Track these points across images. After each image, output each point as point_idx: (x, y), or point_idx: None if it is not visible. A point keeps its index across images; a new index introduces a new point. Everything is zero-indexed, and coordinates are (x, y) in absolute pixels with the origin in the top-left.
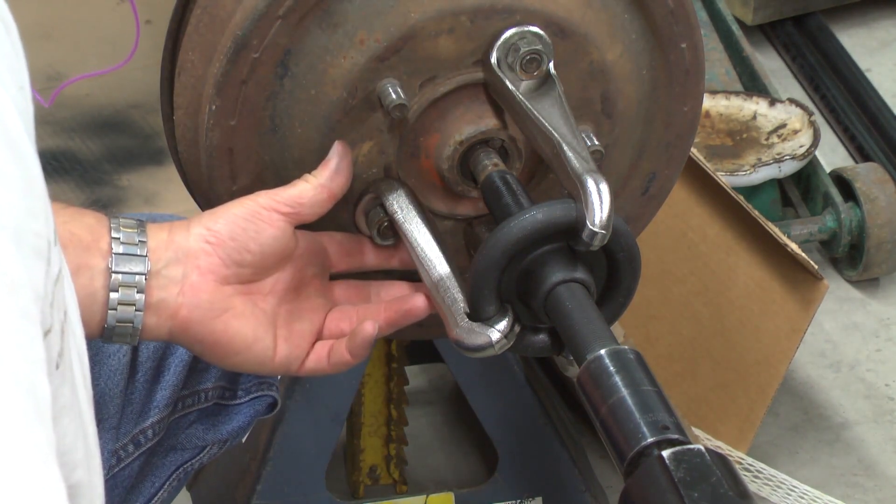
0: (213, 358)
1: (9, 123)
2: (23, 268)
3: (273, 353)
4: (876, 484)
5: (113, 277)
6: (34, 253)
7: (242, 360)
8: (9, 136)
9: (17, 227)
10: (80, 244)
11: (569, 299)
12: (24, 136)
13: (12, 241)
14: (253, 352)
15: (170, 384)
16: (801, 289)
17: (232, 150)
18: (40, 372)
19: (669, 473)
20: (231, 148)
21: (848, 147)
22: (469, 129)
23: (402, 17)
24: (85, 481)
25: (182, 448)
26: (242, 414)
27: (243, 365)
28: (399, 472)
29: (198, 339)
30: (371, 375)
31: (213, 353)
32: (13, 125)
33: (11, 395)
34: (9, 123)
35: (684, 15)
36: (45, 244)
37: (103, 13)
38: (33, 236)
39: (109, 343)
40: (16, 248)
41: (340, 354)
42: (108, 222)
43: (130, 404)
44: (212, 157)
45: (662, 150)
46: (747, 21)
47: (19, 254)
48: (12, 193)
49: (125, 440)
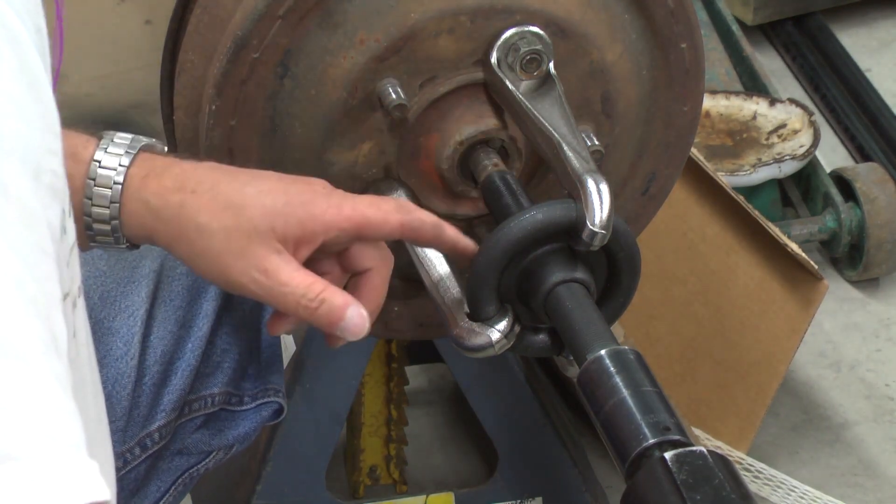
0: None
1: (31, 63)
2: (40, 205)
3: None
4: (876, 484)
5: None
6: (51, 192)
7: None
8: (31, 75)
9: (36, 163)
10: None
11: (569, 299)
12: (45, 76)
13: (31, 177)
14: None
15: (177, 388)
16: (801, 289)
17: (232, 150)
18: (56, 309)
19: (672, 475)
20: (231, 148)
21: (848, 147)
22: (469, 129)
23: (402, 17)
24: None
25: (188, 453)
26: (248, 420)
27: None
28: (399, 472)
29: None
30: (371, 375)
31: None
32: (35, 65)
33: (30, 324)
34: (31, 63)
35: (684, 15)
36: (62, 185)
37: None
38: (51, 175)
39: (94, 243)
40: (34, 183)
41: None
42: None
43: (137, 407)
44: (212, 158)
45: (662, 150)
46: (747, 21)
47: (38, 190)
48: (33, 129)
49: (131, 443)
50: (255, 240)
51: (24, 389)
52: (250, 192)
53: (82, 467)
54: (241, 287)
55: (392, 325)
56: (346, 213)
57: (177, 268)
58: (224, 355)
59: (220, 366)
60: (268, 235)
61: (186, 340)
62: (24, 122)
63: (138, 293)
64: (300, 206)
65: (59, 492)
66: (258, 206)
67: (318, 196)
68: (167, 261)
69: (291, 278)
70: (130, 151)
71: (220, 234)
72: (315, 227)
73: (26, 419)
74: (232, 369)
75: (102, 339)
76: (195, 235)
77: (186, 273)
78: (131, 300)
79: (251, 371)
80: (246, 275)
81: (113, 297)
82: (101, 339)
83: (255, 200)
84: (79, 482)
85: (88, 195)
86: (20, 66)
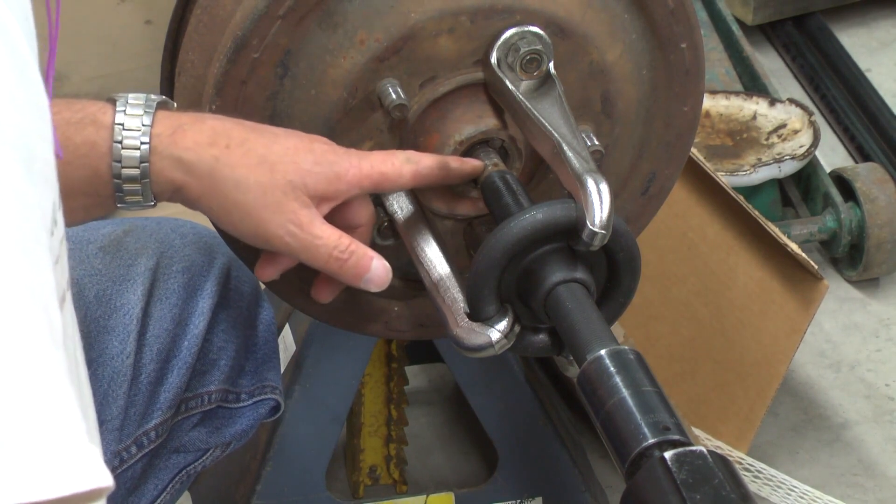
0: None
1: (20, 48)
2: (34, 193)
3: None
4: (876, 484)
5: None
6: (43, 180)
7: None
8: (19, 60)
9: (29, 150)
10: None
11: (569, 299)
12: (34, 62)
13: (23, 164)
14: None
15: (173, 386)
16: (801, 289)
17: None
18: (52, 299)
19: (671, 475)
20: None
21: (848, 147)
22: (469, 129)
23: (402, 17)
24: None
25: (185, 450)
26: (245, 417)
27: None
28: (399, 472)
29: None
30: (371, 375)
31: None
32: (24, 51)
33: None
34: (20, 48)
35: (684, 15)
36: (53, 174)
37: (103, 13)
38: (43, 162)
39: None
40: (27, 171)
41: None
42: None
43: (133, 406)
44: None
45: (662, 150)
46: (747, 21)
47: (31, 177)
48: (23, 115)
49: (128, 441)
50: (290, 195)
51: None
52: (278, 149)
53: (84, 453)
54: (276, 239)
55: (392, 325)
56: (366, 171)
57: (172, 265)
58: (220, 353)
59: (217, 363)
60: (300, 191)
61: (182, 338)
62: (15, 107)
63: (134, 291)
64: (328, 166)
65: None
66: (290, 163)
67: (340, 156)
68: (163, 259)
69: (323, 231)
70: (149, 111)
71: (257, 189)
72: (340, 185)
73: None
74: (228, 366)
75: (98, 338)
76: (230, 188)
77: (182, 271)
78: (127, 298)
79: (248, 368)
80: (282, 227)
81: (108, 295)
82: (97, 337)
83: (286, 157)
84: (81, 468)
85: (117, 157)
86: (10, 51)
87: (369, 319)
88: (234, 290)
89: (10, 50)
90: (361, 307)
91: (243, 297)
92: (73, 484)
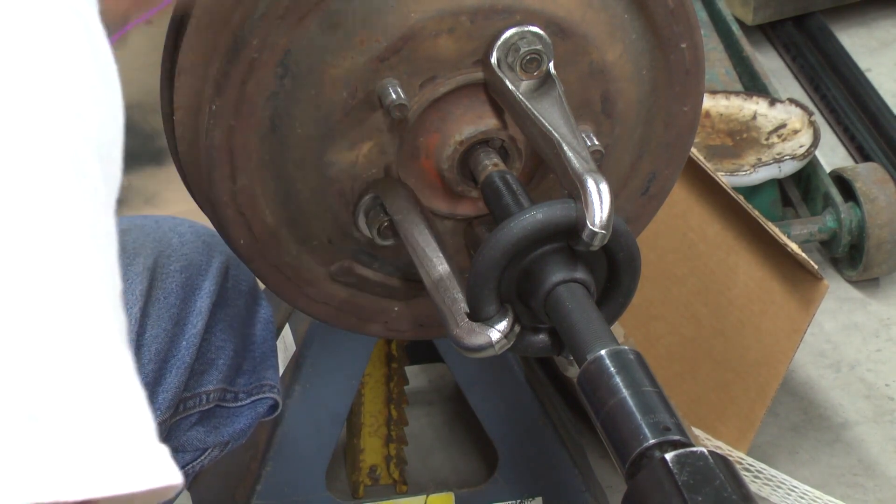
0: None
1: (101, 48)
2: (106, 194)
3: None
4: (876, 484)
5: None
6: (113, 181)
7: None
8: (102, 61)
9: (106, 151)
10: None
11: (569, 299)
12: (111, 60)
13: (100, 164)
14: None
15: (171, 386)
16: (801, 289)
17: (232, 150)
18: (119, 299)
19: (673, 476)
20: (231, 148)
21: (848, 147)
22: (469, 129)
23: (402, 17)
24: None
25: (183, 450)
26: (244, 416)
27: None
28: (399, 472)
29: None
30: (371, 375)
31: None
32: (104, 49)
33: (114, 314)
34: (101, 48)
35: (684, 15)
36: (118, 174)
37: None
38: (112, 164)
39: None
40: (103, 171)
41: None
42: None
43: None
44: (212, 157)
45: (662, 150)
46: (747, 21)
47: (106, 178)
48: (105, 117)
49: None
50: None
51: (108, 377)
52: None
53: (157, 451)
54: None
55: (392, 325)
56: None
57: (170, 265)
58: (218, 352)
59: (215, 363)
60: None
61: (181, 338)
62: (98, 109)
63: (132, 291)
64: None
65: (136, 473)
66: None
67: None
68: (160, 258)
69: None
70: None
71: None
72: None
73: (108, 403)
74: (226, 366)
75: None
76: None
77: (180, 270)
78: (125, 298)
79: (246, 367)
80: None
81: None
82: None
83: None
84: (154, 465)
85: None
86: (93, 53)
87: (369, 319)
88: (232, 289)
89: (93, 51)
90: (361, 307)
91: (241, 295)
92: (147, 480)
